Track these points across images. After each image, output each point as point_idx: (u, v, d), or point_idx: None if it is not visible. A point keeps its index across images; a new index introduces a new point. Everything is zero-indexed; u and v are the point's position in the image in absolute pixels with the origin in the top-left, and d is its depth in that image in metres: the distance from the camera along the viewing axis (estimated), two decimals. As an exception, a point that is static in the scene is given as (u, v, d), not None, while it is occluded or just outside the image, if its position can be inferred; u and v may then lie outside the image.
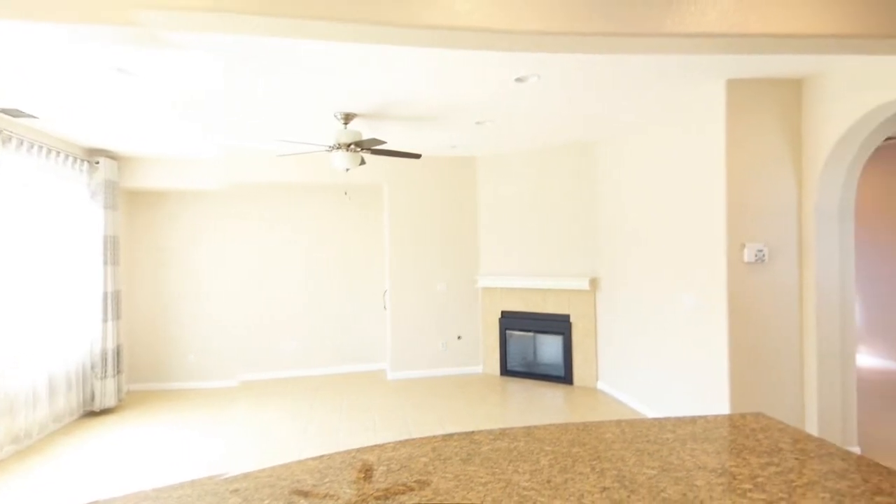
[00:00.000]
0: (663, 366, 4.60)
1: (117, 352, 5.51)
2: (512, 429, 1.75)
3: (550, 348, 6.22)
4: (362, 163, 4.47)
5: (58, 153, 4.83)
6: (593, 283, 5.81)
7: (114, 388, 5.41)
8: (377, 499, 1.28)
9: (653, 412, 4.78)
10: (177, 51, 2.90)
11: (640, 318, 4.97)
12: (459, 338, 6.65)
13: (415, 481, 1.37)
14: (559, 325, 6.08)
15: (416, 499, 1.27)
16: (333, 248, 6.87)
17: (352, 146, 4.26)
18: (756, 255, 3.71)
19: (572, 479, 1.37)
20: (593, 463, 1.46)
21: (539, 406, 5.26)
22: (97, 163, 5.35)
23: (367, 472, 1.43)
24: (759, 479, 1.33)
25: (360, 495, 1.30)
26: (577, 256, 5.94)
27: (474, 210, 6.71)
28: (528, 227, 6.27)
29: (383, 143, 4.17)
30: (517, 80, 3.56)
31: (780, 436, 1.63)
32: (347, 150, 4.27)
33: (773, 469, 1.39)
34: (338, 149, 4.28)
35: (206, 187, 6.02)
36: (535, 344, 6.32)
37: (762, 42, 2.33)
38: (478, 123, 4.81)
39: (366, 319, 6.96)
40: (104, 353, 5.35)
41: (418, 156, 4.68)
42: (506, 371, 6.47)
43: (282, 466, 1.48)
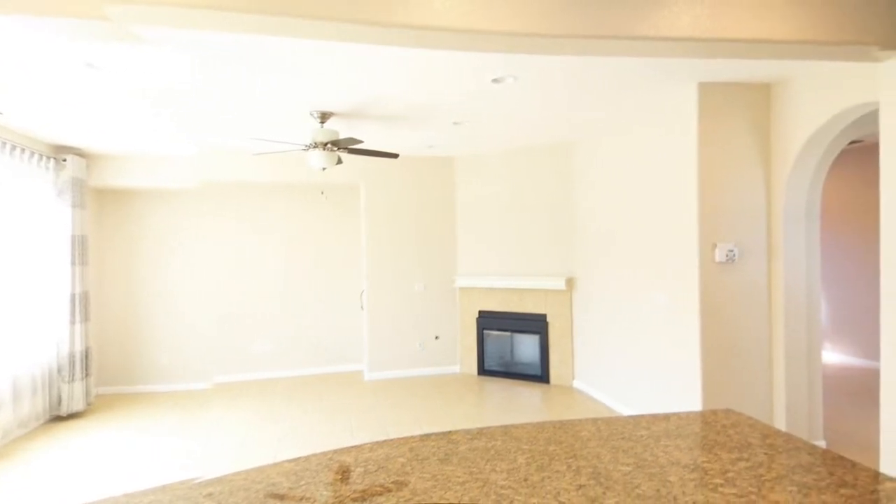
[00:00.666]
0: (638, 364, 4.67)
1: (86, 354, 5.36)
2: (489, 428, 1.75)
3: (527, 348, 6.27)
4: (339, 162, 4.44)
5: (22, 150, 4.68)
6: (569, 282, 5.87)
7: (82, 392, 5.26)
8: (354, 500, 1.27)
9: (628, 409, 4.85)
10: (149, 47, 2.83)
11: (615, 317, 5.04)
12: (437, 338, 6.66)
13: (392, 482, 1.37)
14: (536, 324, 6.13)
15: (393, 500, 1.27)
16: (310, 247, 6.81)
17: (328, 145, 4.23)
18: (727, 255, 3.79)
19: (549, 477, 1.38)
20: (570, 461, 1.48)
21: (516, 405, 5.29)
22: (64, 160, 5.20)
23: (343, 474, 1.42)
24: (729, 474, 1.37)
25: (336, 497, 1.29)
26: (554, 256, 6.00)
27: (452, 210, 6.72)
28: (505, 228, 6.31)
29: (360, 142, 4.15)
30: (494, 80, 3.58)
31: (749, 431, 1.67)
32: (324, 149, 4.24)
33: (743, 464, 1.43)
34: (314, 148, 4.24)
35: (180, 186, 5.91)
36: (512, 343, 6.36)
37: (732, 47, 2.39)
38: (455, 124, 4.81)
39: (343, 320, 6.91)
40: (72, 355, 5.20)
41: (396, 155, 4.67)
42: (483, 371, 6.49)
43: (256, 469, 1.46)
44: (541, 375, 6.12)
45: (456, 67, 3.32)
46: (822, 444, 3.99)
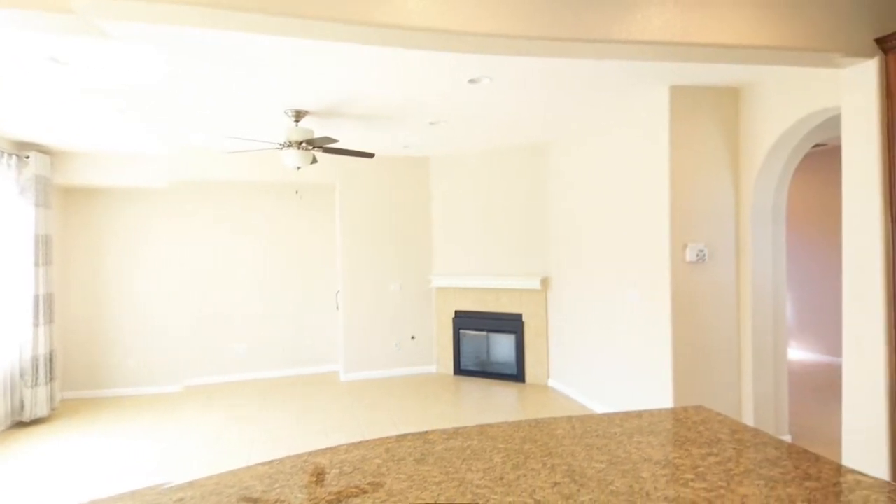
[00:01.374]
0: (611, 362, 4.74)
1: (49, 358, 5.19)
2: (465, 427, 1.76)
3: (503, 347, 6.30)
4: (314, 161, 4.39)
5: (-18, 146, 4.51)
6: (545, 282, 5.93)
7: (45, 397, 5.10)
8: (329, 502, 1.26)
9: (602, 407, 4.92)
10: (117, 42, 2.76)
11: (590, 316, 5.11)
12: (413, 338, 6.64)
13: (368, 483, 1.36)
14: (512, 324, 6.16)
15: (369, 501, 1.26)
16: (284, 247, 6.72)
17: (303, 144, 4.18)
18: (697, 255, 3.88)
19: (524, 475, 1.39)
20: (545, 459, 1.49)
21: (492, 404, 5.31)
22: (27, 157, 5.02)
23: (318, 476, 1.41)
24: (700, 469, 1.40)
25: (311, 499, 1.28)
26: (530, 256, 6.05)
27: (428, 210, 6.71)
28: (481, 228, 6.33)
29: (335, 141, 4.12)
30: (470, 81, 3.59)
31: (719, 427, 1.71)
32: (299, 148, 4.19)
33: (712, 459, 1.46)
34: (289, 146, 4.19)
35: (150, 184, 5.77)
36: (488, 343, 6.39)
37: (702, 51, 2.45)
38: (431, 124, 4.81)
39: (318, 320, 6.85)
40: (35, 359, 5.03)
41: (371, 155, 4.64)
42: (459, 370, 6.51)
43: (229, 473, 1.44)
44: (516, 375, 6.16)
45: (432, 67, 3.32)
46: (787, 438, 4.11)
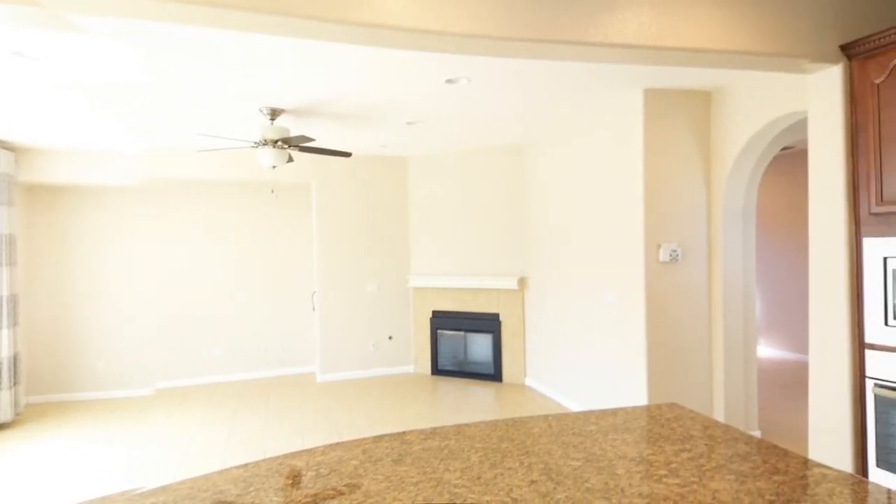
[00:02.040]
0: (587, 361, 4.80)
1: (14, 361, 5.03)
2: (443, 427, 1.76)
3: (480, 347, 6.32)
4: (290, 160, 4.34)
5: (-58, 142, 4.34)
6: (522, 282, 5.97)
7: (9, 401, 4.93)
8: (306, 505, 1.25)
9: (578, 405, 4.98)
10: (85, 36, 2.69)
11: (566, 315, 5.16)
12: (391, 338, 6.62)
13: (345, 485, 1.35)
14: (489, 323, 6.19)
15: (346, 503, 1.26)
16: (259, 247, 6.63)
17: (279, 143, 4.13)
18: (671, 255, 3.95)
19: (501, 474, 1.40)
20: (522, 457, 1.50)
21: (470, 404, 5.33)
22: (-10, 154, 4.86)
23: (294, 479, 1.39)
24: (673, 465, 1.42)
25: (287, 502, 1.26)
26: (507, 256, 6.08)
27: (406, 210, 6.70)
28: (459, 228, 6.34)
29: (312, 140, 4.08)
30: (448, 81, 3.59)
31: (691, 424, 1.74)
32: (274, 147, 4.14)
33: (685, 455, 1.49)
34: (264, 145, 4.14)
35: (120, 183, 5.63)
36: (465, 343, 6.40)
37: (675, 55, 2.49)
38: (409, 123, 4.80)
39: (294, 321, 6.77)
40: (-2, 362, 4.87)
41: (348, 154, 4.61)
42: (437, 370, 6.51)
43: (202, 477, 1.41)
44: (494, 374, 6.19)
45: (410, 67, 3.31)
46: (757, 433, 4.22)
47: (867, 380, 2.63)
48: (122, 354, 5.95)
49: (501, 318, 6.12)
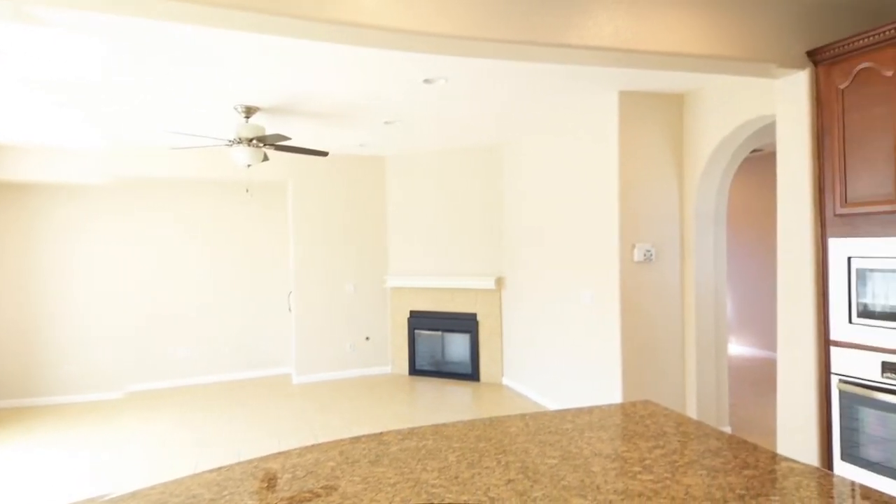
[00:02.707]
0: (563, 359, 4.85)
1: (-25, 365, 4.85)
2: (420, 428, 1.76)
3: (458, 347, 6.33)
4: (265, 159, 4.28)
5: None
6: (499, 282, 5.99)
7: (-29, 407, 4.76)
8: (281, 508, 1.23)
9: (554, 404, 5.02)
10: (51, 30, 2.61)
11: (542, 314, 5.20)
12: (368, 338, 6.59)
13: (321, 487, 1.34)
14: (466, 323, 6.20)
15: (322, 505, 1.24)
16: (234, 247, 6.53)
17: (254, 141, 4.07)
18: (645, 255, 4.02)
19: (479, 473, 1.40)
20: (499, 456, 1.51)
21: (447, 404, 5.33)
22: (-51, 150, 4.68)
23: (270, 482, 1.37)
24: (647, 462, 1.45)
25: (262, 506, 1.24)
26: (485, 256, 6.10)
27: (383, 210, 6.67)
28: (437, 228, 6.34)
29: (288, 139, 4.03)
30: (425, 81, 3.59)
31: (665, 420, 1.77)
32: (249, 146, 4.08)
33: (658, 451, 1.52)
34: (238, 143, 4.07)
35: (87, 181, 5.48)
36: (443, 343, 6.40)
37: (649, 58, 2.54)
38: (387, 123, 4.78)
39: (269, 322, 6.68)
40: (-41, 367, 4.70)
41: (325, 153, 4.57)
42: (414, 370, 6.50)
43: (174, 482, 1.38)
44: (471, 374, 6.21)
45: (387, 67, 3.30)
46: (728, 429, 4.32)
47: (832, 376, 2.71)
48: (91, 357, 5.79)
49: (479, 318, 6.14)
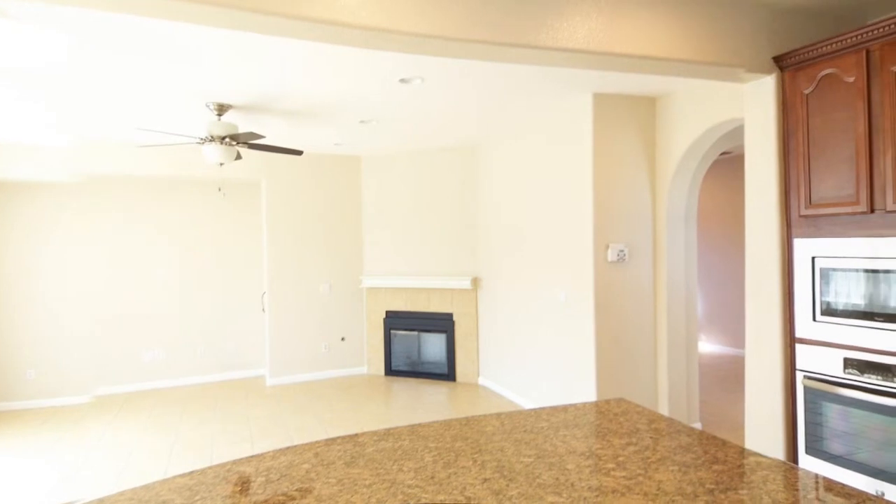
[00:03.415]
0: (539, 359, 4.89)
1: (-68, 370, 4.66)
2: (396, 428, 1.75)
3: (434, 347, 6.33)
4: (238, 157, 4.22)
5: None
6: (475, 282, 6.01)
7: (-73, 414, 4.57)
8: (255, 512, 1.21)
9: (531, 403, 5.06)
10: (13, 22, 2.52)
11: (518, 314, 5.24)
12: (343, 339, 6.54)
13: (296, 490, 1.32)
14: (443, 323, 6.21)
15: (297, 508, 1.23)
16: (206, 247, 6.40)
17: (226, 139, 4.01)
18: (618, 255, 4.08)
19: (455, 473, 1.40)
20: (475, 456, 1.51)
21: (424, 404, 5.33)
22: None
23: (243, 485, 1.35)
24: (620, 459, 1.47)
25: (235, 510, 1.22)
26: (461, 256, 6.11)
27: (359, 209, 6.63)
28: (412, 228, 6.33)
29: (261, 137, 3.97)
30: (401, 80, 3.58)
31: (637, 418, 1.80)
32: (221, 144, 4.01)
33: (632, 448, 1.54)
34: (210, 141, 4.00)
35: (52, 179, 5.31)
36: (419, 343, 6.39)
37: (622, 61, 2.57)
38: (362, 122, 4.75)
39: (242, 323, 6.58)
40: (-87, 372, 4.50)
41: (300, 152, 4.52)
42: (391, 371, 6.47)
43: (143, 487, 1.35)
44: (447, 374, 6.21)
45: (363, 65, 3.28)
46: (698, 425, 4.41)
47: (797, 372, 2.79)
48: (57, 360, 5.61)
49: (455, 318, 6.15)
